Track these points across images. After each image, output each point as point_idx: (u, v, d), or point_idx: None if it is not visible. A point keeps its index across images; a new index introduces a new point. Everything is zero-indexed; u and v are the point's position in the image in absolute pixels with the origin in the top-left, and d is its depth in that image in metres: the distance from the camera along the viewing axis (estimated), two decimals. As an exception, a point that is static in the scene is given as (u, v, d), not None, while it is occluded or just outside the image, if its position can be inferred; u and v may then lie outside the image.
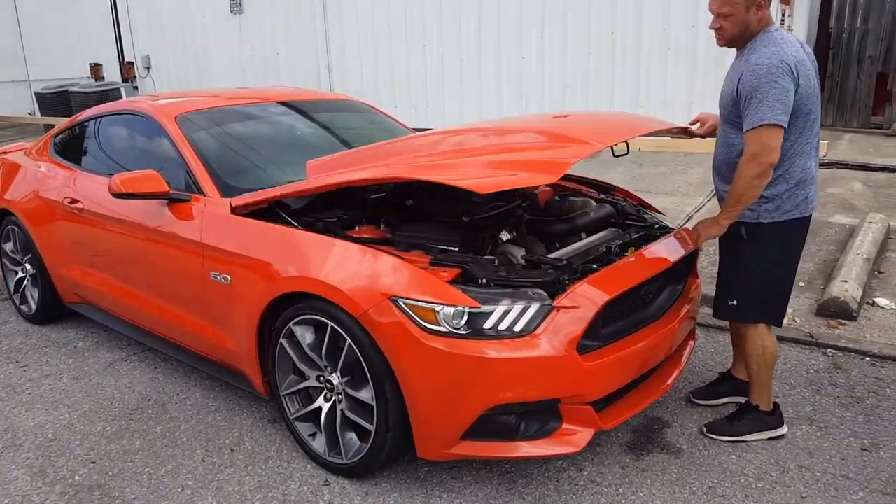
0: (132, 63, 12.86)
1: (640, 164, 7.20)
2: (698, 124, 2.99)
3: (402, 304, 2.27)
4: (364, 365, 2.39)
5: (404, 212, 3.10)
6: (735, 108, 2.48)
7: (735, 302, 2.66)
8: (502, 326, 2.24)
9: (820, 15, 8.38)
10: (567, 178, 3.61)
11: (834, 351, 3.44)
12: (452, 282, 2.31)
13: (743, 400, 2.89)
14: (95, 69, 13.30)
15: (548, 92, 8.71)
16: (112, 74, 13.18)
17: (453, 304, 2.23)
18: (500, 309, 2.24)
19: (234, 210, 2.86)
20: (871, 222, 4.93)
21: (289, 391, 2.75)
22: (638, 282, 2.49)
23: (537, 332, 2.24)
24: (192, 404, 3.28)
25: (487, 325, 2.24)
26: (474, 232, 2.77)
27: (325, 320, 2.47)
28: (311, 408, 2.69)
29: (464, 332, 2.23)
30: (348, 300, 2.36)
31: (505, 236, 2.84)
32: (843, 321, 3.74)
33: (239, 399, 3.27)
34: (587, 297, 2.32)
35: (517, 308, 2.25)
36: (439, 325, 2.23)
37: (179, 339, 3.28)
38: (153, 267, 3.28)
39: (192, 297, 3.06)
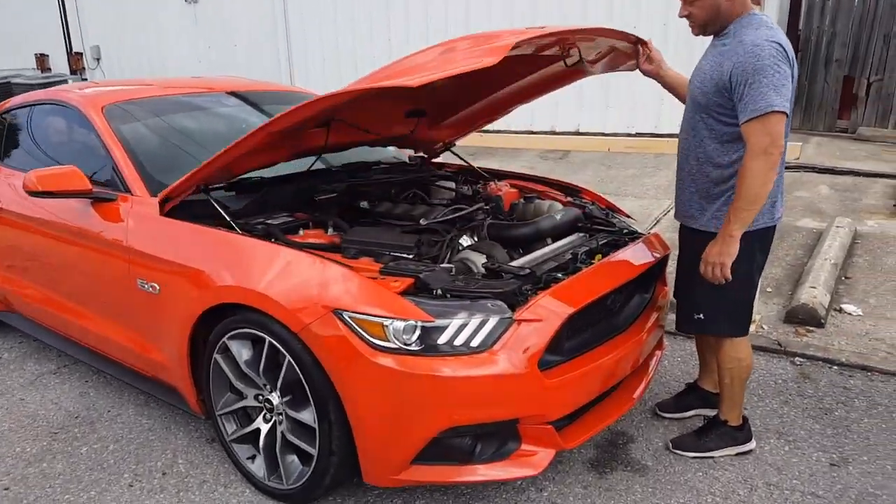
0: (81, 54, 12.29)
1: (608, 167, 7.08)
2: (647, 55, 2.64)
3: (346, 317, 2.05)
4: (305, 384, 2.17)
5: (358, 214, 2.89)
6: (719, 95, 2.24)
7: (702, 315, 2.50)
8: (458, 341, 2.05)
9: (790, 16, 8.37)
10: (533, 179, 3.44)
11: (802, 360, 3.34)
12: (404, 293, 2.11)
13: (711, 412, 2.75)
14: (41, 60, 12.67)
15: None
16: (60, 66, 12.59)
17: (404, 318, 2.02)
18: (455, 323, 2.05)
19: (165, 210, 2.60)
20: (838, 227, 4.88)
21: (225, 411, 2.52)
22: (604, 292, 2.32)
23: (496, 348, 2.05)
24: (124, 422, 3.01)
25: (442, 340, 2.04)
26: (432, 237, 2.58)
27: (263, 335, 2.25)
28: (249, 429, 2.46)
29: (415, 349, 2.03)
30: (287, 313, 2.14)
31: (465, 242, 2.65)
32: (811, 328, 3.64)
33: (175, 416, 3.01)
34: (550, 310, 2.13)
35: (474, 322, 2.06)
36: (388, 340, 2.02)
37: (109, 351, 3.00)
38: (79, 273, 3.00)
39: (119, 306, 2.81)
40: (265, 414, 2.41)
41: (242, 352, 2.38)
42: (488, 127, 8.68)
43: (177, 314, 2.50)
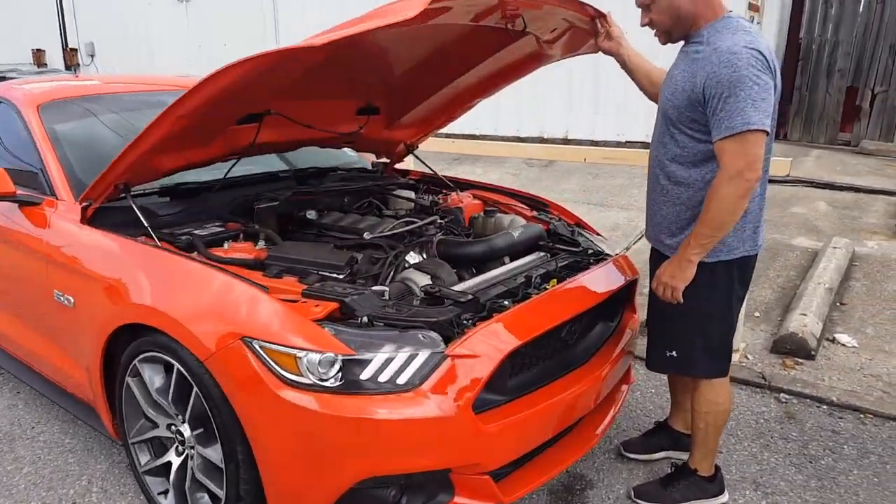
0: (76, 50, 12.17)
1: (595, 175, 6.83)
2: (606, 31, 2.37)
3: (256, 346, 1.80)
4: (213, 420, 1.92)
5: (302, 226, 2.65)
6: (692, 109, 1.98)
7: (675, 353, 2.23)
8: (383, 378, 1.80)
9: (790, 24, 8.09)
10: (500, 191, 3.18)
11: (788, 396, 3.07)
12: (327, 319, 1.86)
13: (681, 457, 2.49)
14: (38, 55, 12.57)
15: (503, 100, 8.29)
16: (57, 61, 12.46)
17: (320, 350, 1.77)
18: (380, 357, 1.80)
19: (87, 216, 2.36)
20: (835, 247, 4.60)
21: (138, 439, 2.27)
22: (555, 324, 2.07)
23: (424, 387, 1.80)
24: (46, 441, 2.77)
25: (365, 375, 1.79)
26: (374, 253, 2.33)
27: (172, 361, 2.00)
28: (161, 461, 2.22)
29: (334, 385, 1.78)
30: (192, 338, 1.89)
31: (412, 259, 2.41)
32: (799, 360, 3.37)
33: (99, 438, 2.77)
34: (490, 344, 1.88)
35: (402, 356, 1.81)
36: (302, 374, 1.77)
37: (33, 364, 2.78)
38: (5, 279, 2.79)
39: (39, 318, 2.60)
40: (178, 446, 2.17)
41: (154, 378, 2.13)
42: (474, 132, 8.39)
43: (91, 331, 2.26)
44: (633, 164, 5.27)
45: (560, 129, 7.94)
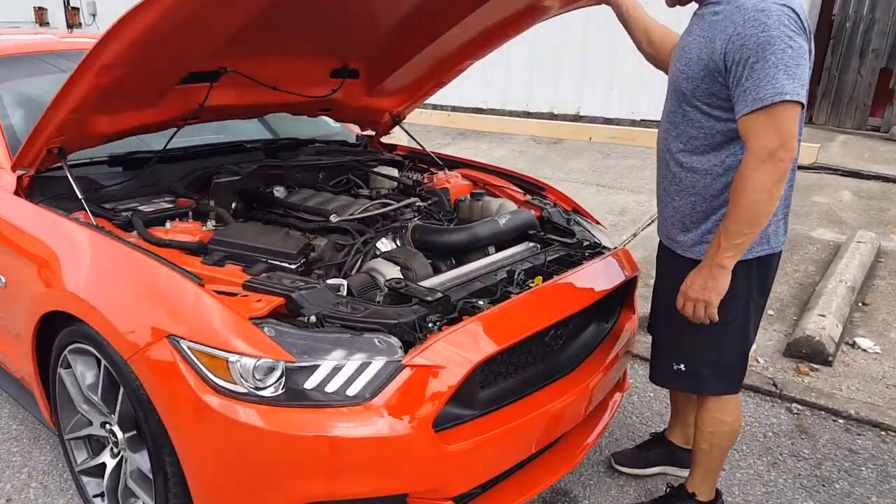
0: (77, 9, 11.89)
1: (606, 155, 6.47)
2: None
3: (184, 347, 1.56)
4: (140, 425, 1.70)
5: (266, 204, 2.39)
6: (709, 81, 1.67)
7: (683, 366, 1.96)
8: (331, 388, 1.55)
9: (823, 0, 7.62)
10: (493, 172, 2.90)
11: (801, 407, 2.79)
12: (271, 316, 1.61)
13: (677, 474, 2.25)
14: (40, 13, 12.28)
15: (514, 72, 7.91)
16: (59, 20, 12.18)
17: (255, 354, 1.52)
18: (327, 364, 1.55)
19: (24, 186, 2.12)
20: (859, 241, 4.28)
21: (73, 435, 2.05)
22: (537, 329, 1.80)
23: (377, 401, 1.55)
24: (-9, 426, 2.57)
25: (310, 384, 1.55)
26: (340, 239, 2.07)
27: (99, 355, 1.77)
28: (96, 461, 2.00)
29: (272, 394, 1.53)
30: (116, 333, 1.65)
31: (384, 247, 2.14)
32: (815, 366, 3.09)
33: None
34: (457, 353, 1.62)
35: (352, 364, 1.56)
36: (235, 382, 1.53)
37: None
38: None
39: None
40: (112, 448, 1.95)
41: (87, 373, 1.91)
42: (481, 105, 7.99)
43: (23, 314, 2.04)
44: (646, 145, 4.93)
45: (572, 104, 7.57)
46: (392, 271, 1.93)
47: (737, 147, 1.72)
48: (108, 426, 1.93)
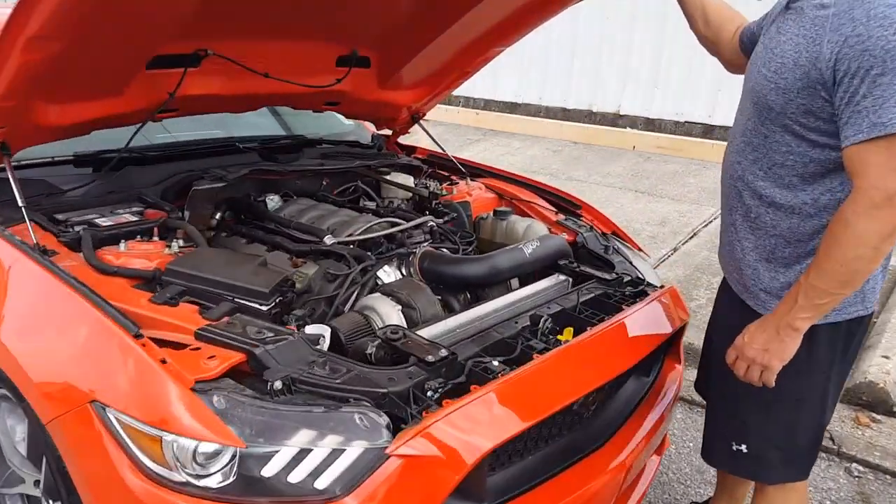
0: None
1: (647, 158, 6.01)
2: None
3: (110, 417, 1.22)
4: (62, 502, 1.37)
5: (258, 217, 2.06)
6: (809, 94, 1.30)
7: (744, 447, 1.60)
8: (294, 478, 1.20)
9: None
10: (522, 184, 2.51)
11: (863, 469, 2.39)
12: (228, 376, 1.26)
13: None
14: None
15: (563, 57, 7.45)
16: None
17: (196, 435, 1.17)
18: (287, 451, 1.19)
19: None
20: (926, 268, 3.80)
21: (8, 492, 1.74)
22: (565, 403, 1.43)
23: (352, 499, 1.20)
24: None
25: (268, 472, 1.19)
26: (332, 268, 1.72)
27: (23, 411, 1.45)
28: (33, 523, 1.69)
29: (216, 485, 1.19)
30: (34, 391, 1.32)
31: (386, 276, 1.79)
32: (877, 416, 2.69)
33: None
34: (460, 438, 1.26)
35: (322, 450, 1.20)
36: (171, 467, 1.19)
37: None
38: None
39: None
40: (48, 511, 1.63)
41: (16, 426, 1.59)
42: (515, 100, 7.51)
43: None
44: (698, 157, 4.39)
45: (612, 102, 7.09)
46: (392, 312, 1.58)
47: (836, 182, 1.34)
48: (40, 488, 1.61)
